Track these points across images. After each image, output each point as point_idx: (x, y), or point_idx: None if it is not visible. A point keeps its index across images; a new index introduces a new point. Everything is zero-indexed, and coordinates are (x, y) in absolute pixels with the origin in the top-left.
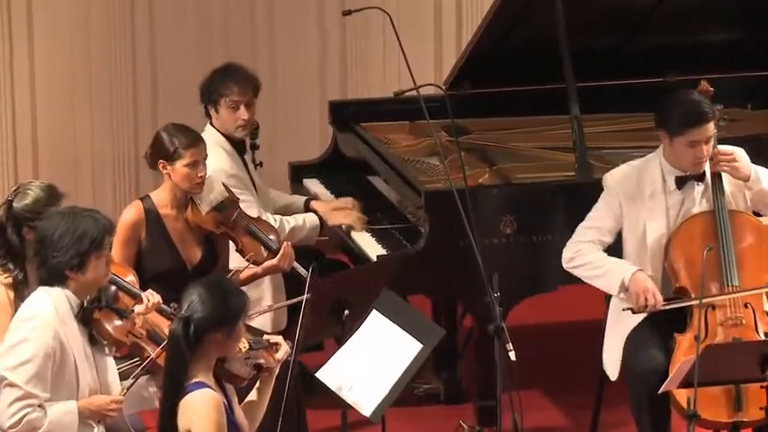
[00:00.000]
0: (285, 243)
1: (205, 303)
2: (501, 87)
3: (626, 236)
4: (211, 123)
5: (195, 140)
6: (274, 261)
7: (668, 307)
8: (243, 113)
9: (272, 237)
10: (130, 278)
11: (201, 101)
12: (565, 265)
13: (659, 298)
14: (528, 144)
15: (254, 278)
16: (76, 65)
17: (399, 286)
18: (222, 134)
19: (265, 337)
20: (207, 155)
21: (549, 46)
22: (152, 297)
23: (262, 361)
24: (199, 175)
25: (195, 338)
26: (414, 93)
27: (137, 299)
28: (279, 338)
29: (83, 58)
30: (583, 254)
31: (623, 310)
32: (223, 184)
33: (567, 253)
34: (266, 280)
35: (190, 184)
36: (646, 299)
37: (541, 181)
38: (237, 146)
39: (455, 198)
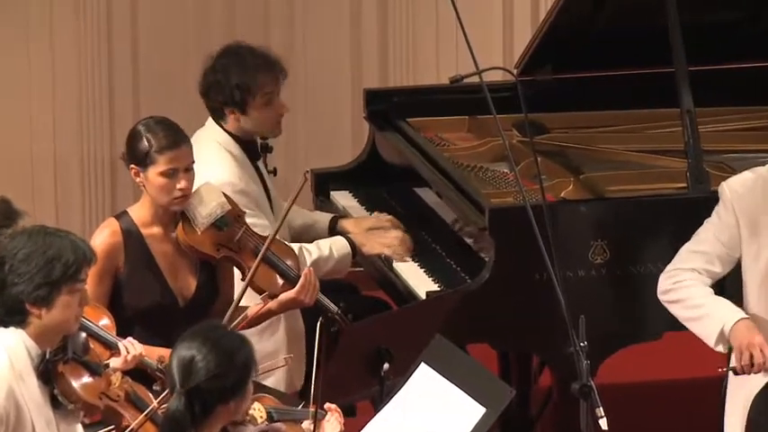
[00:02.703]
0: (307, 269)
1: (210, 369)
2: (589, 72)
3: (746, 266)
4: (223, 128)
5: (177, 142)
6: (292, 293)
7: None
8: (280, 105)
9: (288, 261)
10: (105, 322)
11: (214, 104)
12: (660, 298)
13: None
14: (624, 146)
15: (267, 316)
16: (33, 44)
17: (456, 332)
18: (230, 134)
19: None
20: (193, 160)
21: (653, 20)
22: (132, 347)
23: None
24: (178, 187)
25: (202, 414)
26: (475, 79)
27: (113, 350)
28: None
29: (42, 37)
30: (683, 286)
31: (720, 370)
32: (224, 194)
33: (663, 283)
34: (281, 327)
35: (166, 199)
36: (752, 356)
37: (642, 195)
38: (250, 149)
39: (529, 217)
